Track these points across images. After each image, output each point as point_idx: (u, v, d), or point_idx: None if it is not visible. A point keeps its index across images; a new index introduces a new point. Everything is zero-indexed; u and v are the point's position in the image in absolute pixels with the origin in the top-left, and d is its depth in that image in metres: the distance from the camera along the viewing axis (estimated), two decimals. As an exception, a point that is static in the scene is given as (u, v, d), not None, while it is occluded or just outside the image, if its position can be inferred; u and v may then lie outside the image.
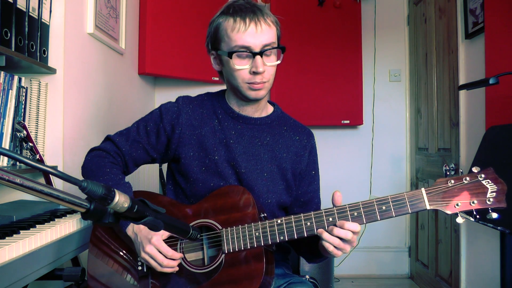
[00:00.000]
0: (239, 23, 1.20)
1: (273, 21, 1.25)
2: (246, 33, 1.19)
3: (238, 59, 1.21)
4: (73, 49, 1.91)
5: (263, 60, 1.21)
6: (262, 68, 1.20)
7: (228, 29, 1.21)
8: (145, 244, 1.13)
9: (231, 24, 1.21)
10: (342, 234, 1.08)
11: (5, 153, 0.62)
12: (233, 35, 1.20)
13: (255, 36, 1.19)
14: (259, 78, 1.22)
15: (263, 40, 1.20)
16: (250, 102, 1.29)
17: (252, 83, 1.22)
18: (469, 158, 2.34)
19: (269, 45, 1.21)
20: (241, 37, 1.19)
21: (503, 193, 1.05)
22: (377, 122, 3.47)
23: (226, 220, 1.18)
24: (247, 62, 1.22)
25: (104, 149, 1.31)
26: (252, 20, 1.19)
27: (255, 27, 1.19)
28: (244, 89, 1.24)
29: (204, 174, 1.28)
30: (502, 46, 2.01)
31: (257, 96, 1.25)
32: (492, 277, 2.12)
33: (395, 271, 3.45)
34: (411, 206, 1.08)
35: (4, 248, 0.90)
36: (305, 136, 1.38)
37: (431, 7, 2.98)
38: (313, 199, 1.39)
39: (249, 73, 1.22)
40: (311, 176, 1.38)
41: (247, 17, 1.19)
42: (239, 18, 1.20)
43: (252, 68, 1.21)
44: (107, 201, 0.71)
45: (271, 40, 1.22)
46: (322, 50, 3.33)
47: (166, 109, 1.32)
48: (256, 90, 1.24)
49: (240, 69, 1.22)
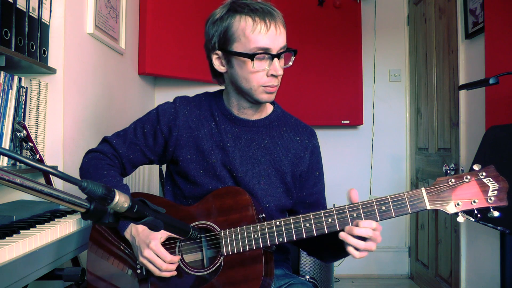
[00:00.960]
0: (259, 23, 1.16)
1: (284, 22, 1.23)
2: (267, 35, 1.16)
3: (257, 61, 1.18)
4: (73, 49, 1.91)
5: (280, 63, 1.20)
6: (281, 71, 1.20)
7: (246, 29, 1.17)
8: (143, 249, 1.13)
9: (250, 24, 1.17)
10: (362, 233, 1.05)
11: (5, 153, 0.62)
12: (254, 35, 1.16)
13: (274, 38, 1.17)
14: (276, 81, 1.21)
15: (280, 43, 1.19)
16: (255, 105, 1.28)
17: (268, 86, 1.21)
18: (469, 158, 2.33)
19: (283, 48, 1.20)
20: (263, 38, 1.16)
21: (504, 191, 1.03)
22: (377, 122, 3.47)
23: (224, 221, 1.17)
24: (265, 64, 1.19)
25: (102, 151, 1.30)
26: (272, 21, 1.17)
27: (275, 29, 1.17)
28: (258, 92, 1.22)
29: (202, 176, 1.27)
30: (502, 46, 2.01)
31: (269, 99, 1.24)
32: (492, 277, 2.12)
33: (395, 271, 3.45)
34: (411, 206, 1.06)
35: (4, 248, 0.90)
36: (306, 136, 1.35)
37: (431, 7, 2.98)
38: (319, 200, 1.36)
39: (266, 76, 1.20)
40: (315, 177, 1.35)
41: (267, 18, 1.17)
42: (258, 19, 1.17)
43: (271, 71, 1.19)
44: (107, 201, 0.71)
45: (285, 43, 1.21)
46: (322, 50, 3.33)
47: (163, 110, 1.31)
48: (270, 93, 1.23)
49: (257, 71, 1.19)
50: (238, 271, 1.13)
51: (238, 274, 1.13)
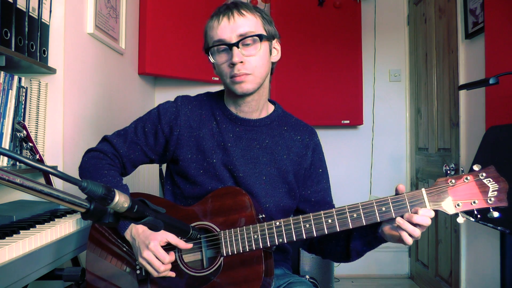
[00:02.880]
0: (214, 21, 1.22)
1: (250, 10, 1.23)
2: (219, 28, 1.20)
3: (217, 55, 1.23)
4: (73, 49, 1.91)
5: (241, 51, 1.19)
6: (238, 58, 1.18)
7: (208, 31, 1.25)
8: (143, 250, 1.13)
9: (209, 25, 1.24)
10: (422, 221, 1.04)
11: (5, 153, 0.62)
12: (210, 33, 1.23)
13: (227, 28, 1.19)
14: (237, 69, 1.19)
15: (239, 31, 1.19)
16: (240, 99, 1.26)
17: (233, 76, 1.21)
18: (469, 158, 2.34)
19: (245, 34, 1.20)
20: (216, 32, 1.21)
21: (504, 191, 1.03)
22: (377, 122, 3.47)
23: (224, 221, 1.17)
24: (225, 56, 1.22)
25: (102, 151, 1.30)
26: (225, 14, 1.21)
27: (228, 20, 1.20)
28: (230, 85, 1.23)
29: (202, 176, 1.27)
30: (502, 46, 2.01)
31: (242, 89, 1.21)
32: (492, 277, 2.12)
33: (395, 271, 3.45)
34: (412, 207, 1.06)
35: (4, 248, 0.90)
36: (307, 135, 1.34)
37: (431, 7, 2.98)
38: (324, 197, 1.34)
39: (228, 67, 1.21)
40: (318, 174, 1.34)
41: (221, 14, 1.22)
42: (215, 17, 1.23)
43: (229, 61, 1.20)
44: (107, 201, 0.71)
45: (248, 29, 1.20)
46: (322, 50, 3.33)
47: (164, 109, 1.31)
48: (239, 83, 1.21)
49: (220, 64, 1.22)
50: (238, 272, 1.13)
51: (238, 275, 1.13)
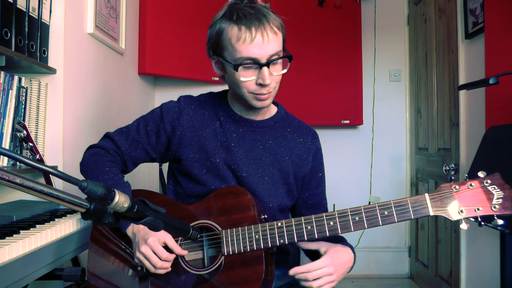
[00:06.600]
0: (244, 33, 1.12)
1: (279, 26, 1.17)
2: (252, 45, 1.12)
3: (244, 71, 1.16)
4: (73, 49, 1.91)
5: (270, 71, 1.15)
6: (269, 80, 1.15)
7: (232, 39, 1.14)
8: (141, 244, 1.13)
9: (235, 34, 1.13)
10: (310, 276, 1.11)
11: (5, 153, 0.62)
12: (238, 46, 1.13)
13: (261, 47, 1.12)
14: (266, 90, 1.18)
15: (270, 51, 1.13)
16: (253, 109, 1.27)
17: (258, 94, 1.18)
18: (469, 158, 2.33)
19: (275, 54, 1.15)
20: (247, 48, 1.12)
21: (509, 199, 1.01)
22: (377, 122, 3.47)
23: (226, 221, 1.18)
24: (253, 73, 1.16)
25: (103, 147, 1.30)
26: (258, 29, 1.11)
27: (262, 37, 1.12)
28: (249, 98, 1.20)
29: (205, 176, 1.27)
30: (502, 46, 2.01)
31: (263, 105, 1.22)
32: (492, 277, 2.12)
33: (395, 271, 3.45)
34: (414, 212, 1.05)
35: (4, 248, 0.90)
36: (309, 138, 1.36)
37: (431, 7, 2.98)
38: (321, 201, 1.38)
39: (255, 84, 1.17)
40: (317, 178, 1.36)
41: (253, 26, 1.12)
42: (244, 27, 1.12)
43: (259, 80, 1.16)
44: (107, 201, 0.71)
45: (278, 49, 1.15)
46: (322, 50, 3.33)
47: (167, 109, 1.31)
48: (262, 100, 1.20)
49: (245, 81, 1.16)
50: (238, 272, 1.13)
51: (239, 275, 1.13)
